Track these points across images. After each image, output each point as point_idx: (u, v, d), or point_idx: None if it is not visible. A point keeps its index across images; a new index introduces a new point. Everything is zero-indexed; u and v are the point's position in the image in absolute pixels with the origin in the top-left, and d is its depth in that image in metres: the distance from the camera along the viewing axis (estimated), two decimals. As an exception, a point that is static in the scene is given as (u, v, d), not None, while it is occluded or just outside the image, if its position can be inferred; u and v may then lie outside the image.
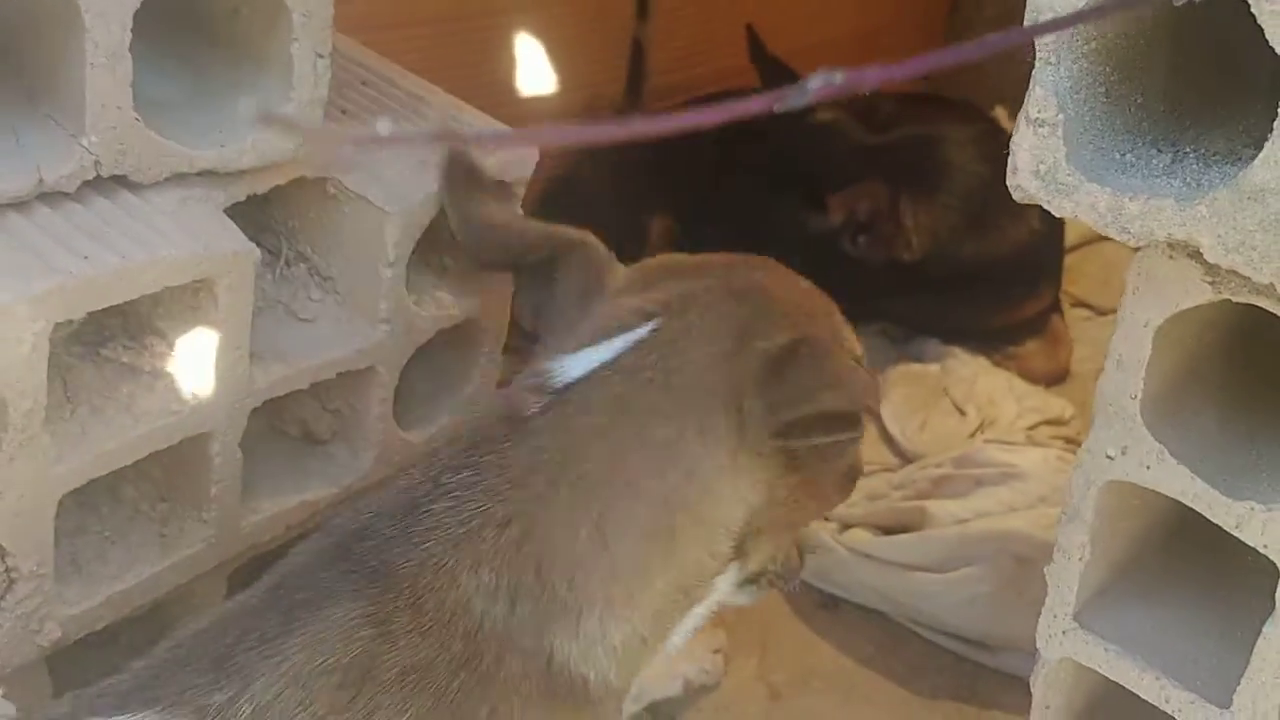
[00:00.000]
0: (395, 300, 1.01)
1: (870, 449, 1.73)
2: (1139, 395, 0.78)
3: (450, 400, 1.14)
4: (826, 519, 1.57)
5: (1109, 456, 0.80)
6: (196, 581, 0.98)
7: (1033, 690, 0.92)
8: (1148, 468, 0.79)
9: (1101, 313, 2.11)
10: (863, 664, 1.43)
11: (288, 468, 1.06)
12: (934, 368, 1.82)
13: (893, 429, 1.72)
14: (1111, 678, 0.85)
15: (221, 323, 0.89)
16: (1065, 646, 0.87)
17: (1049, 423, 1.72)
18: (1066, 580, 0.86)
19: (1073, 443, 1.63)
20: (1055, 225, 1.86)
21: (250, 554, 1.02)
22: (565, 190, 1.90)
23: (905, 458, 1.68)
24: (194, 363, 0.90)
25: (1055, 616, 0.88)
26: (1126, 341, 0.78)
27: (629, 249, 1.90)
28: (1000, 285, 1.82)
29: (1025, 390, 1.79)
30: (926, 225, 1.68)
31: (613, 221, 1.91)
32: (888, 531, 1.50)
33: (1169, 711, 0.83)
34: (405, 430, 1.09)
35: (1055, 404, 1.76)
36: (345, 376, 1.03)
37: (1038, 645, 0.90)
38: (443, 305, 1.06)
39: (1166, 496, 0.79)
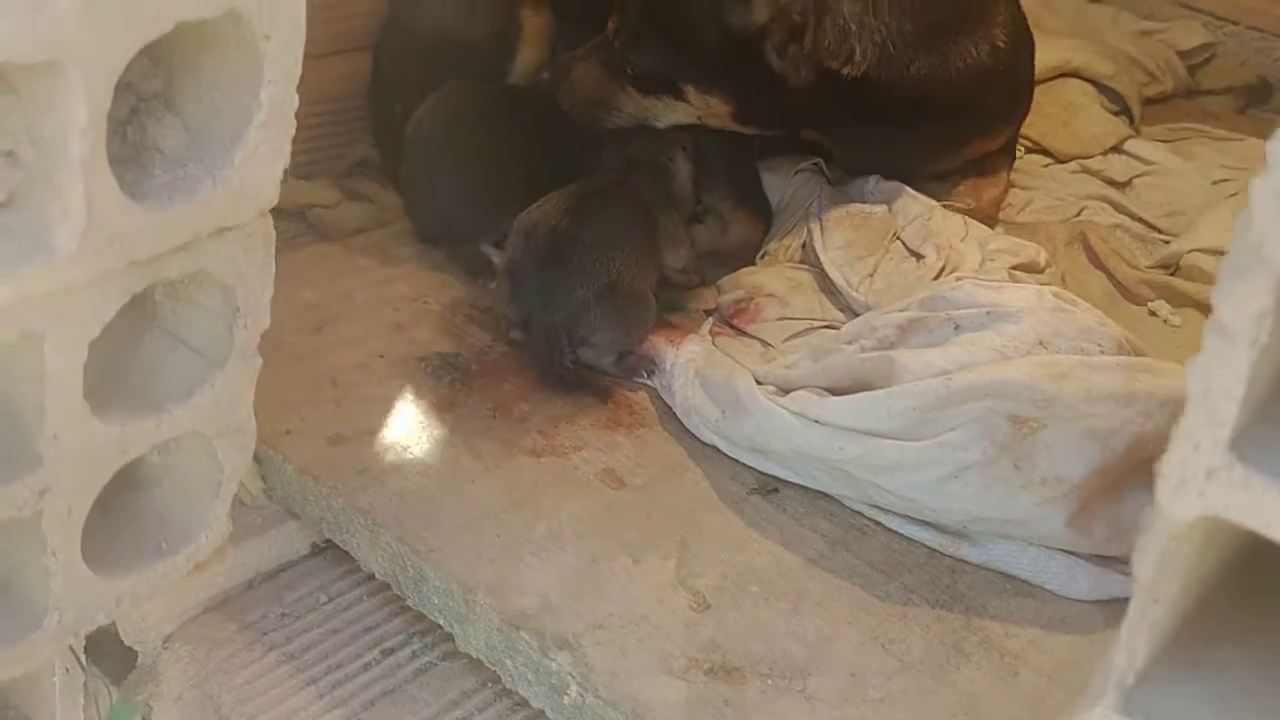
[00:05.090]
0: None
1: (807, 300, 1.39)
2: None
3: (219, 145, 0.75)
4: (759, 381, 1.22)
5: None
6: None
7: (1135, 574, 0.58)
8: None
9: (1061, 160, 1.80)
10: (812, 563, 1.10)
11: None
12: (880, 208, 1.48)
13: (835, 278, 1.38)
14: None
15: None
16: (1211, 496, 0.53)
17: (1022, 268, 1.39)
18: (1230, 358, 0.51)
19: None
20: (1024, 48, 1.53)
21: None
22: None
23: (856, 313, 1.34)
24: None
25: (1198, 447, 0.53)
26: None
27: (500, 44, 1.55)
28: (952, 119, 1.48)
29: (986, 234, 1.46)
30: (873, 30, 1.32)
31: (485, 14, 1.56)
32: (844, 394, 1.15)
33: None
34: (139, 200, 0.70)
35: (1026, 248, 1.43)
36: (21, 82, 0.63)
37: (1159, 499, 0.55)
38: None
39: None
